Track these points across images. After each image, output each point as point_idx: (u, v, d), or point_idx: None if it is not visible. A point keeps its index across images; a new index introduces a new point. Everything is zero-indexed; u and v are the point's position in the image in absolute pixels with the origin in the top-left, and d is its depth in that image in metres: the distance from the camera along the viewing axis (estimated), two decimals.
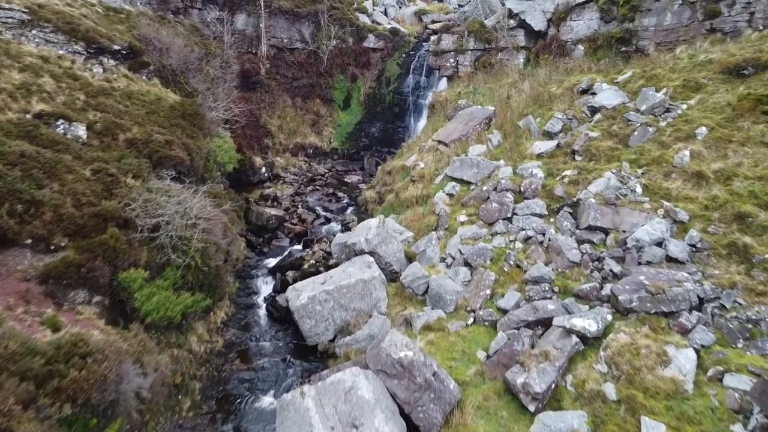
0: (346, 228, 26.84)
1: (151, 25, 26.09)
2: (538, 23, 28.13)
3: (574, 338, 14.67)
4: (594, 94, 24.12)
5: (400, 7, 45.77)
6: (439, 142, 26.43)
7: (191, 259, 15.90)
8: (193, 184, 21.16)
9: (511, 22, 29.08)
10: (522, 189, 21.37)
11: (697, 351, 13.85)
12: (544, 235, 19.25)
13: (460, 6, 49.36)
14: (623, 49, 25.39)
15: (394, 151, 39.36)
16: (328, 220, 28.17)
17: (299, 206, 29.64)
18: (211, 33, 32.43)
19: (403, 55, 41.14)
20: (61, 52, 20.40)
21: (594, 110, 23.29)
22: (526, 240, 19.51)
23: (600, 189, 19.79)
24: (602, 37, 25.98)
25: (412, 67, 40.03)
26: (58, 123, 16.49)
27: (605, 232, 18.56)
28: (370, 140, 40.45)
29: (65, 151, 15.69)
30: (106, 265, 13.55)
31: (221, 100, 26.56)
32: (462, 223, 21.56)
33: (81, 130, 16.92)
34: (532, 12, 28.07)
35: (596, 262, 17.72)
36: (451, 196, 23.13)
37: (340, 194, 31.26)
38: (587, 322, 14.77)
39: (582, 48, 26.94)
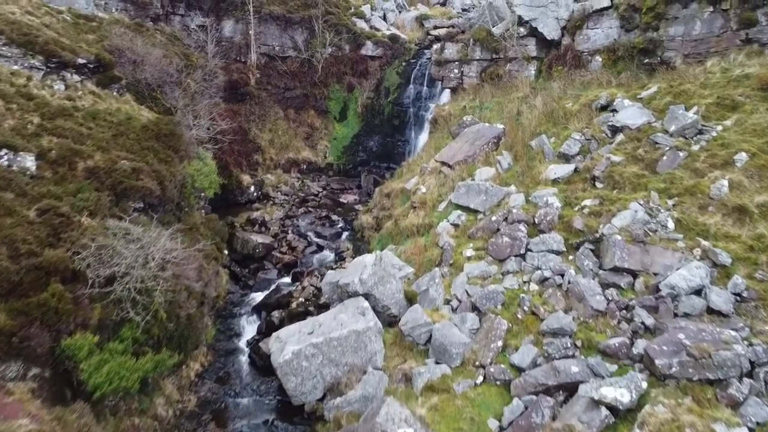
0: (339, 258, 24.93)
1: (124, 34, 24.14)
2: (550, 31, 26.20)
3: (604, 411, 12.68)
4: (615, 111, 22.17)
5: (399, 12, 43.90)
6: (443, 163, 24.47)
7: (154, 313, 13.90)
8: (166, 215, 19.25)
9: (521, 30, 27.16)
10: (536, 220, 19.40)
11: (751, 430, 11.87)
12: (562, 276, 17.27)
13: (464, 10, 47.50)
14: (646, 61, 23.46)
15: (393, 166, 37.45)
16: (320, 248, 26.21)
17: (289, 231, 27.68)
18: (194, 41, 30.51)
19: (404, 64, 39.25)
20: (15, 67, 18.47)
21: (615, 130, 21.35)
22: (543, 281, 17.54)
23: (626, 223, 17.82)
24: (623, 47, 24.04)
25: (412, 76, 38.11)
26: (1, 153, 14.51)
27: (633, 274, 16.61)
28: (367, 155, 38.50)
29: (6, 188, 13.73)
30: (46, 331, 11.55)
31: (203, 117, 24.61)
32: (469, 259, 19.60)
33: (29, 161, 14.97)
34: (545, 19, 26.15)
35: (624, 311, 15.74)
36: (456, 226, 21.17)
37: (335, 217, 29.30)
38: (619, 391, 12.78)
39: (600, 59, 24.99)
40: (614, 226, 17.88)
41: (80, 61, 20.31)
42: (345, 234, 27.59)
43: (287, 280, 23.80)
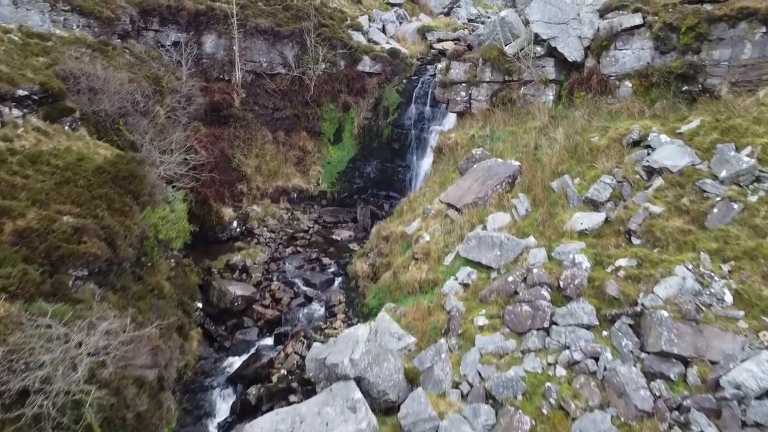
0: (330, 313, 22.28)
1: (82, 56, 21.52)
2: (572, 52, 23.56)
3: None
4: (650, 147, 19.53)
5: (400, 23, 41.32)
6: (449, 205, 21.82)
7: (87, 429, 11.19)
8: (120, 279, 16.59)
9: (538, 49, 24.54)
10: (561, 284, 16.73)
11: None
12: (596, 361, 14.60)
13: (470, 20, 45.04)
14: (685, 88, 20.80)
15: (393, 195, 34.89)
16: (308, 299, 23.53)
17: (274, 278, 25.03)
18: (169, 60, 27.88)
19: (404, 81, 36.65)
20: None
21: (651, 171, 18.70)
22: (572, 365, 14.89)
23: (672, 293, 15.16)
24: (657, 72, 21.38)
25: (414, 95, 35.50)
26: None
27: (685, 361, 13.96)
28: (364, 181, 35.85)
29: None
30: None
31: (175, 150, 21.95)
32: (481, 329, 16.94)
33: None
34: (565, 38, 23.51)
35: (677, 412, 13.06)
36: (465, 286, 18.49)
37: (326, 260, 26.61)
38: None
39: (630, 85, 22.34)
40: (657, 296, 15.21)
41: (21, 92, 17.69)
42: (337, 281, 24.92)
43: (269, 341, 21.14)
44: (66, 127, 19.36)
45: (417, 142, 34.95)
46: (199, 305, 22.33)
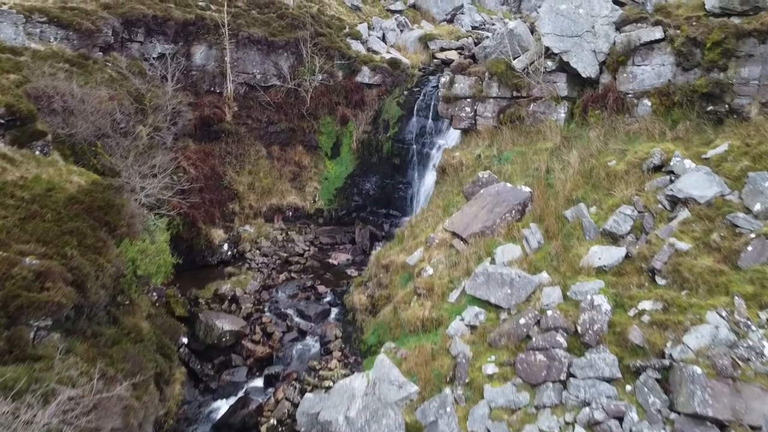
0: (325, 350, 20.90)
1: (57, 72, 20.15)
2: (586, 67, 22.18)
3: None
4: (673, 173, 18.15)
5: (401, 31, 40.02)
6: (454, 234, 20.45)
7: None
8: (91, 324, 15.21)
9: (549, 64, 23.17)
10: (579, 328, 15.39)
11: None
12: (621, 422, 13.22)
13: (473, 28, 43.71)
14: (710, 108, 19.40)
15: (393, 213, 33.56)
16: (302, 334, 22.16)
17: (266, 309, 23.65)
18: (156, 73, 26.52)
19: (405, 93, 35.38)
20: None
21: (675, 201, 17.29)
22: (593, 425, 13.50)
23: (703, 344, 13.79)
24: (680, 90, 19.97)
25: (416, 107, 34.22)
26: None
27: (721, 425, 12.56)
28: (363, 199, 34.48)
29: None
30: None
31: (159, 173, 20.60)
32: (491, 378, 15.58)
33: None
34: (579, 52, 22.14)
35: None
36: (472, 328, 17.11)
37: (322, 288, 25.20)
38: None
39: (649, 103, 20.94)
40: (688, 347, 13.83)
41: None
42: (334, 312, 23.53)
43: (259, 383, 19.78)
44: (37, 152, 18.00)
45: (419, 158, 33.63)
46: (185, 341, 21.00)
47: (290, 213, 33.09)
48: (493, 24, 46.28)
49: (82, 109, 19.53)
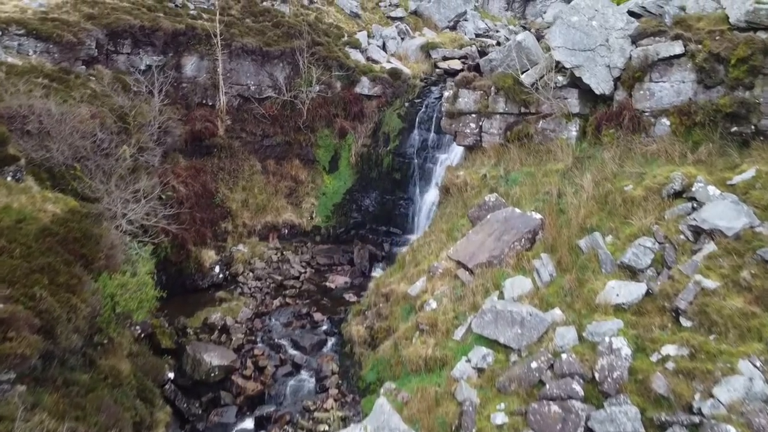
0: (321, 387, 19.72)
1: (34, 89, 19.01)
2: (599, 83, 21.03)
3: None
4: (695, 200, 16.98)
5: (402, 39, 38.86)
6: (459, 263, 19.28)
7: None
8: (63, 371, 14.05)
9: (560, 79, 22.03)
10: (596, 375, 14.24)
11: None
12: None
13: (477, 36, 42.60)
14: (735, 129, 18.24)
15: (394, 231, 32.43)
16: (296, 368, 20.99)
17: (258, 340, 22.46)
18: (143, 87, 25.38)
19: (406, 104, 34.26)
20: None
21: (699, 231, 16.12)
22: None
23: (736, 397, 12.67)
24: (701, 109, 18.79)
25: (417, 120, 33.13)
26: None
27: None
28: (362, 215, 33.32)
29: None
30: None
31: (142, 197, 19.47)
32: (500, 429, 14.47)
33: None
34: (592, 67, 20.99)
35: None
36: (480, 371, 15.94)
37: (318, 315, 24.01)
38: None
39: (668, 123, 19.77)
40: (718, 401, 12.68)
41: None
42: (330, 342, 22.36)
43: (249, 425, 18.61)
44: (8, 179, 16.83)
45: (421, 173, 32.52)
46: (171, 376, 19.77)
47: (286, 231, 31.92)
48: (497, 31, 45.13)
49: (59, 129, 18.36)
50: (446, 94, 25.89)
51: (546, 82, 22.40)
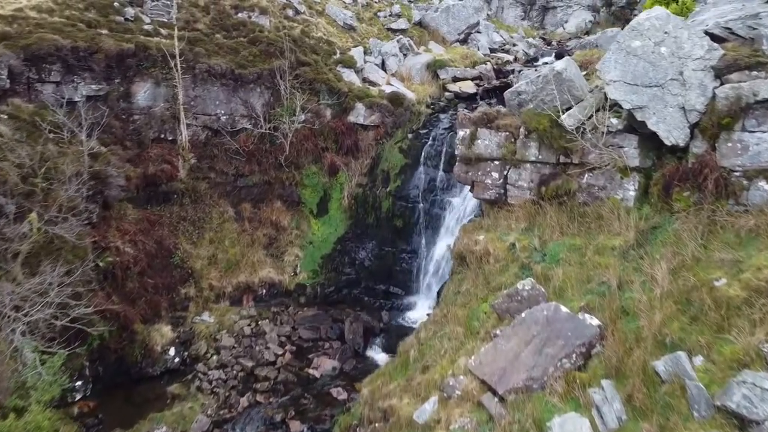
0: None
1: None
2: (671, 131, 16.27)
3: None
4: None
5: (405, 56, 34.14)
6: (483, 383, 14.49)
7: None
8: None
9: (614, 121, 17.31)
10: None
11: None
12: None
13: (492, 51, 37.89)
14: None
15: (394, 291, 27.79)
16: None
17: None
18: (73, 125, 20.67)
19: (410, 135, 29.78)
20: None
21: None
22: None
23: None
24: None
25: (423, 155, 28.61)
26: None
27: None
28: (356, 271, 28.58)
29: None
30: None
31: (51, 290, 14.71)
32: None
33: None
34: (660, 109, 16.26)
35: None
36: None
37: (296, 426, 19.17)
38: None
39: None
40: None
41: None
42: None
43: None
44: None
45: (427, 220, 27.85)
46: None
47: (263, 291, 27.22)
48: (514, 45, 40.35)
49: None
50: (461, 133, 21.08)
51: (594, 125, 17.63)
